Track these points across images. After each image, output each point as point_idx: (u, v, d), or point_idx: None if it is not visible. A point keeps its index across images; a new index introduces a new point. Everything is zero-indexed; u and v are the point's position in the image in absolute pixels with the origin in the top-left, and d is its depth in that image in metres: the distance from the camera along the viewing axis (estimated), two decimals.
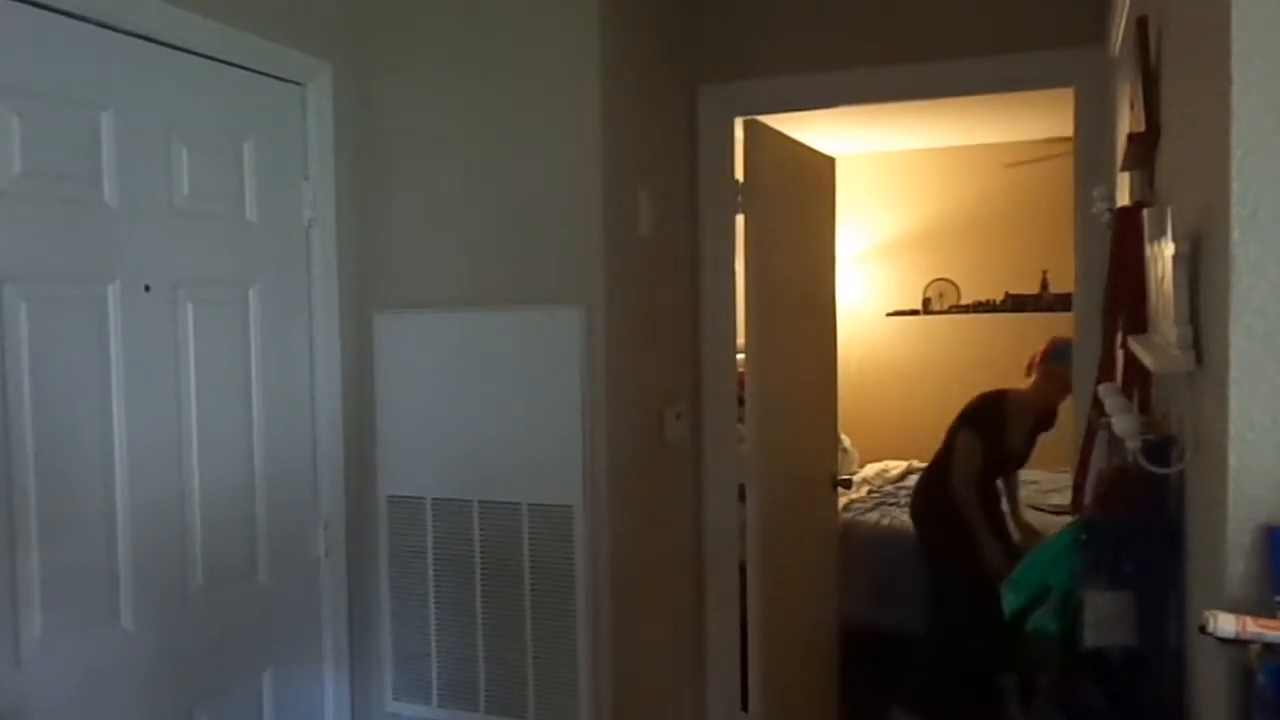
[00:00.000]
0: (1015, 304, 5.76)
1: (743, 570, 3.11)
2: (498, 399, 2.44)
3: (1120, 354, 1.82)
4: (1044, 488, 4.78)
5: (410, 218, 2.52)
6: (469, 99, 2.46)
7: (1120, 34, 2.19)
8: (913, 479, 5.16)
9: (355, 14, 2.49)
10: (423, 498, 2.51)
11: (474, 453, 2.46)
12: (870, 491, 4.91)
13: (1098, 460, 1.95)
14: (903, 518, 4.53)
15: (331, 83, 2.42)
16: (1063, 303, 4.88)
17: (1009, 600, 1.77)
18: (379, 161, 2.52)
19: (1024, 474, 5.11)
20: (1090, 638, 1.52)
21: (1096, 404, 1.71)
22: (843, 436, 4.77)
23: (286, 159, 2.34)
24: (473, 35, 2.46)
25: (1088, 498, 1.90)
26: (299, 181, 2.37)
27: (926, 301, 5.99)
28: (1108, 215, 1.91)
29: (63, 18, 1.78)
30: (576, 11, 2.37)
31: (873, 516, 4.56)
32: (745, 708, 3.12)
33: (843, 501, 4.34)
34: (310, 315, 2.41)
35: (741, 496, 3.11)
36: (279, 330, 2.32)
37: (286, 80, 2.32)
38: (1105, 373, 1.86)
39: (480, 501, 2.46)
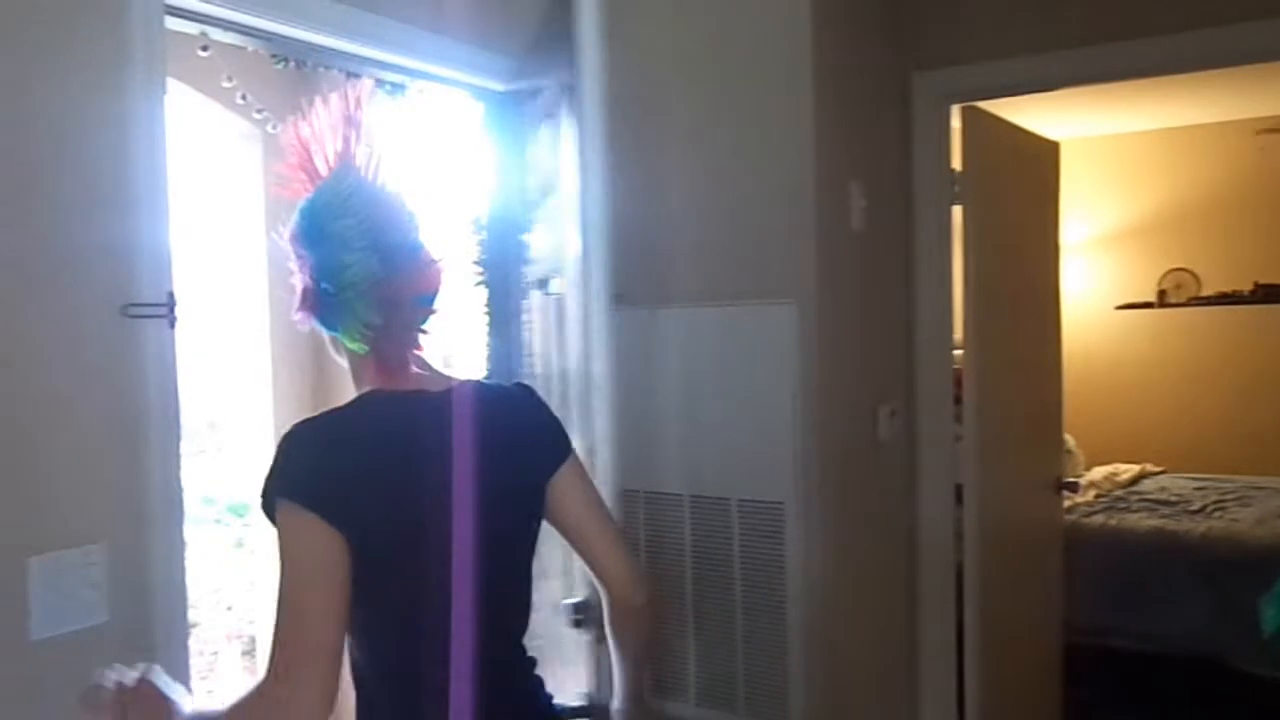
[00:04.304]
0: (1266, 295, 5.25)
1: (958, 574, 3.00)
2: (709, 393, 2.46)
3: None
4: None
5: None
6: (687, 98, 2.49)
7: None
8: (1146, 484, 4.83)
9: None
10: (637, 491, 2.56)
11: (686, 447, 2.49)
12: (1098, 495, 4.62)
13: None
14: (1132, 520, 4.24)
15: None
16: None
17: (1268, 617, 1.63)
18: None
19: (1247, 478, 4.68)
20: None
21: None
22: (1067, 437, 4.50)
23: None
24: (691, 33, 2.48)
25: None
26: None
27: (1162, 294, 5.55)
28: None
29: None
30: (788, 3, 2.35)
31: (1099, 518, 4.29)
32: (961, 718, 3.01)
33: (1066, 504, 4.10)
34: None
35: (958, 497, 3.00)
36: None
37: None
38: None
39: (691, 496, 2.48)
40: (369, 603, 1.23)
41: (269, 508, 1.20)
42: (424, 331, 1.32)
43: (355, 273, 1.24)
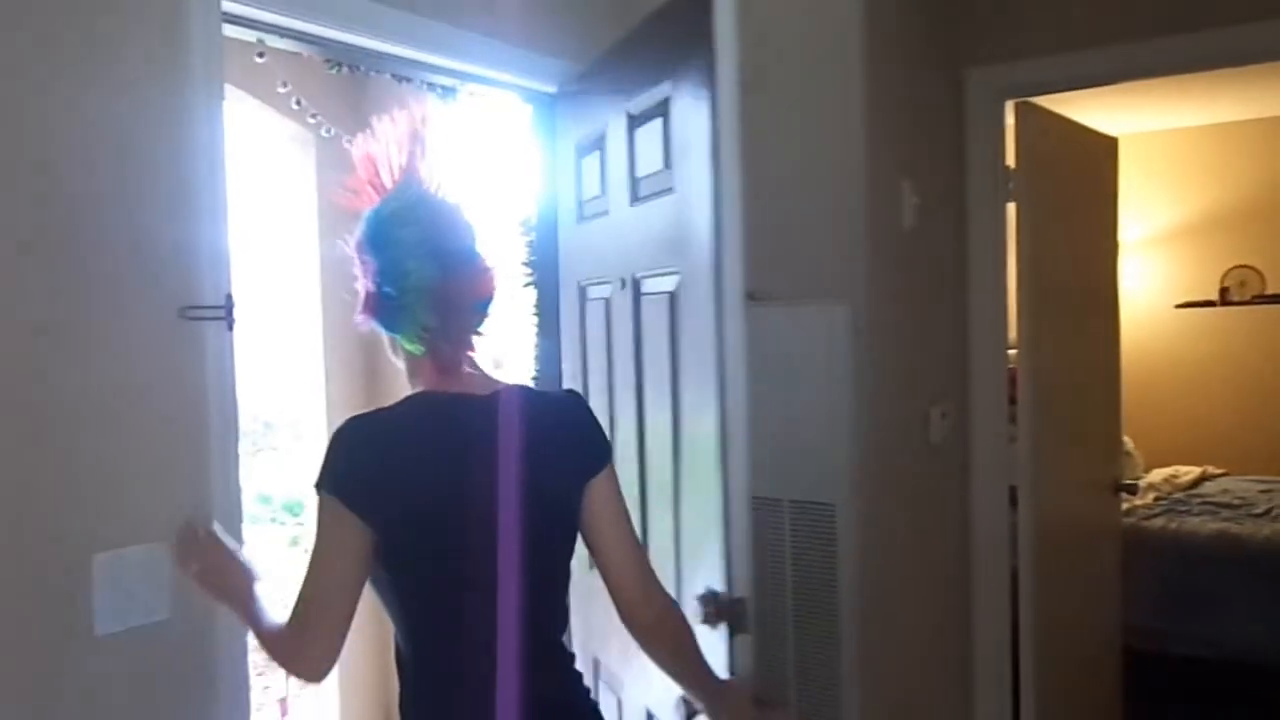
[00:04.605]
0: None
1: (1013, 577, 2.95)
2: (760, 393, 2.44)
3: None
4: None
5: None
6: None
7: None
8: (1208, 486, 4.72)
9: None
10: None
11: None
12: (1157, 498, 4.52)
13: None
14: (1194, 523, 4.15)
15: None
16: None
17: None
18: None
19: None
20: None
21: None
22: (1125, 439, 4.41)
23: None
24: (739, 30, 2.47)
25: None
26: None
27: (1224, 291, 5.41)
28: None
29: None
30: (839, 1, 2.33)
31: (1159, 521, 4.20)
32: None
33: (1124, 507, 4.02)
34: None
35: (1012, 499, 2.95)
36: None
37: None
38: None
39: None
40: (405, 595, 1.31)
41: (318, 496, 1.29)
42: (478, 334, 1.36)
43: (416, 278, 1.29)
